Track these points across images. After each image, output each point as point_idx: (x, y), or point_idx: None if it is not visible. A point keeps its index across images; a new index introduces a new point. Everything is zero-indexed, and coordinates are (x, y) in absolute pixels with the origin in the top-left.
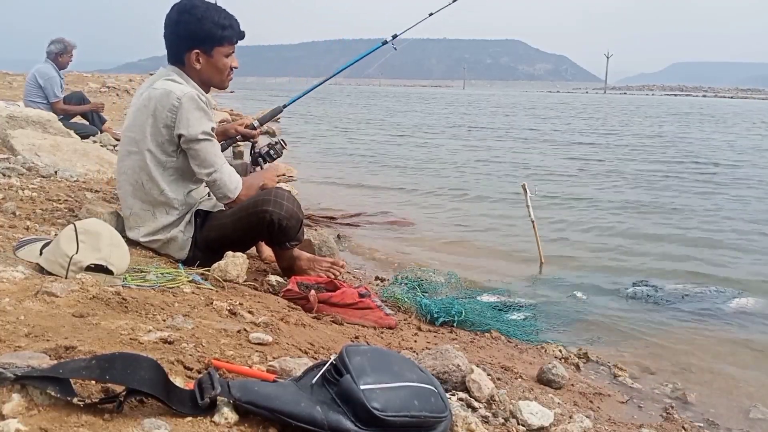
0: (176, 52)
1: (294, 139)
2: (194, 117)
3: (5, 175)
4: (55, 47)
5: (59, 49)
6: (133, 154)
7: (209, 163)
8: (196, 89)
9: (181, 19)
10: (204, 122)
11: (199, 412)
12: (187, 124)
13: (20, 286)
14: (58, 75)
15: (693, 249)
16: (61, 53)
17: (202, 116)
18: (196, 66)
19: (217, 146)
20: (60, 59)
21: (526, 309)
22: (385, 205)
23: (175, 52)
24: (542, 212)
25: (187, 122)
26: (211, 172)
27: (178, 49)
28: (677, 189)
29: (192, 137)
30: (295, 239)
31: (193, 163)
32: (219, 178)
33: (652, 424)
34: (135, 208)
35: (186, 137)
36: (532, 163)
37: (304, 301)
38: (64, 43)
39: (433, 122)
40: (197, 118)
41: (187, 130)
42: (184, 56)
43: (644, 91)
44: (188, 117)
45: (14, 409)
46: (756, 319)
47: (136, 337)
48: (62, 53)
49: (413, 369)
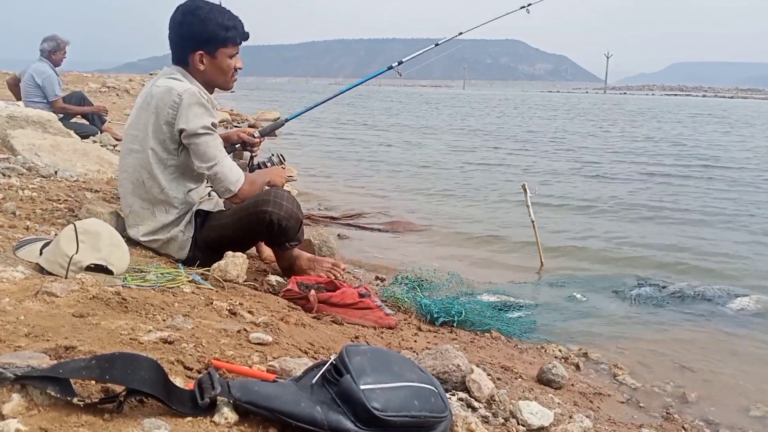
0: (180, 53)
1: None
2: (194, 112)
3: (5, 175)
4: (48, 45)
5: (52, 46)
6: (134, 152)
7: (210, 157)
8: (198, 87)
9: (185, 21)
10: (204, 117)
11: (199, 412)
12: (187, 119)
13: (20, 286)
14: (55, 72)
15: (693, 249)
16: (54, 50)
17: (203, 111)
18: (200, 67)
19: (219, 140)
20: (53, 56)
21: (526, 309)
22: (385, 206)
23: (179, 53)
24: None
25: (186, 117)
26: (212, 165)
27: (182, 50)
28: (678, 189)
29: (192, 131)
30: (295, 239)
31: (195, 158)
32: (220, 171)
33: (652, 424)
34: (134, 206)
35: (187, 132)
36: (531, 162)
37: (304, 301)
38: (56, 41)
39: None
40: (197, 113)
41: (188, 125)
42: (188, 57)
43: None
44: (188, 112)
45: (14, 409)
46: (756, 319)
47: (136, 337)
48: (55, 50)
49: (413, 369)
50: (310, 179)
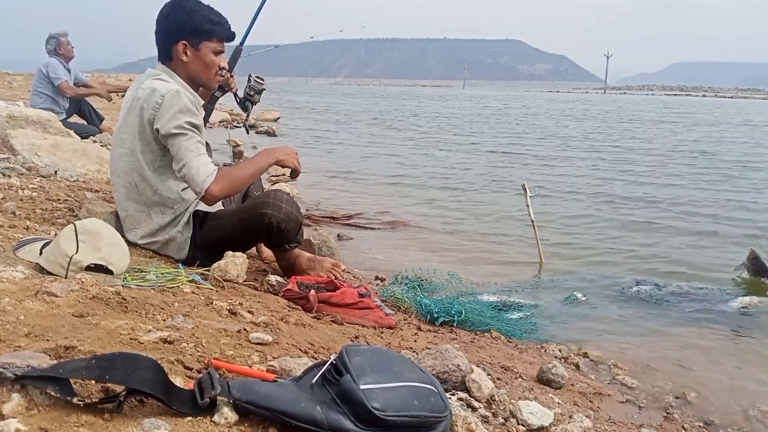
0: (165, 46)
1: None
2: (171, 112)
3: (5, 175)
4: (51, 44)
5: (54, 44)
6: (124, 155)
7: (179, 158)
8: (183, 87)
9: (170, 12)
10: (180, 117)
11: (199, 412)
12: (163, 121)
13: (20, 286)
14: (64, 66)
15: (694, 249)
16: (58, 47)
17: (180, 112)
18: (183, 58)
19: (193, 140)
20: (60, 52)
21: (526, 309)
22: (385, 205)
23: (164, 47)
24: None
25: (163, 118)
26: (181, 168)
27: (167, 42)
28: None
29: (166, 132)
30: (295, 241)
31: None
32: (186, 173)
33: (652, 424)
34: (130, 210)
35: (161, 133)
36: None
37: (304, 300)
38: (55, 37)
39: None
40: (174, 114)
41: (162, 126)
42: (171, 49)
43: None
44: (166, 113)
45: (14, 409)
46: (756, 319)
47: (136, 337)
48: (59, 46)
49: (413, 369)
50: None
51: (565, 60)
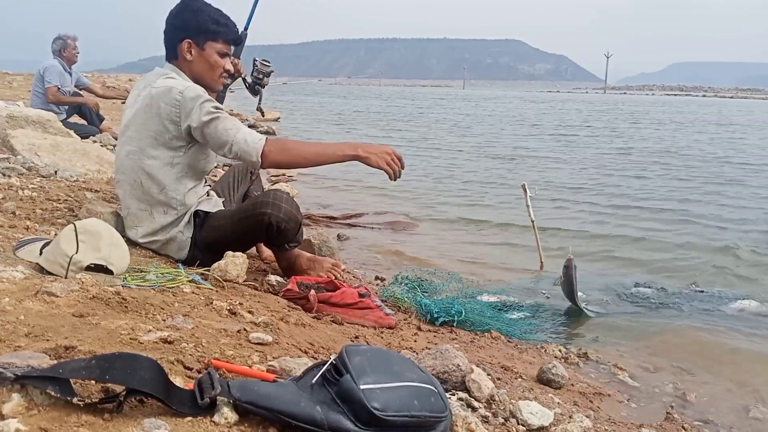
0: (172, 44)
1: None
2: (196, 104)
3: (5, 175)
4: (57, 45)
5: (60, 45)
6: (132, 153)
7: (222, 142)
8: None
9: (178, 11)
10: (205, 105)
11: (199, 412)
12: (191, 116)
13: (20, 286)
14: (64, 69)
15: (694, 250)
16: (63, 49)
17: (203, 101)
18: (187, 57)
19: (227, 120)
20: (64, 54)
21: (527, 309)
22: (385, 205)
23: (171, 45)
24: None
25: (190, 114)
26: (229, 148)
27: (173, 40)
28: (680, 190)
29: (199, 124)
30: (294, 241)
31: (213, 149)
32: (237, 149)
33: (652, 424)
34: (132, 208)
35: (195, 127)
36: (534, 163)
37: (304, 300)
38: (62, 39)
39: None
40: (198, 104)
41: (194, 121)
42: (177, 48)
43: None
44: (190, 107)
45: (14, 409)
46: (756, 320)
47: (136, 337)
48: (64, 48)
49: (413, 369)
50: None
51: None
